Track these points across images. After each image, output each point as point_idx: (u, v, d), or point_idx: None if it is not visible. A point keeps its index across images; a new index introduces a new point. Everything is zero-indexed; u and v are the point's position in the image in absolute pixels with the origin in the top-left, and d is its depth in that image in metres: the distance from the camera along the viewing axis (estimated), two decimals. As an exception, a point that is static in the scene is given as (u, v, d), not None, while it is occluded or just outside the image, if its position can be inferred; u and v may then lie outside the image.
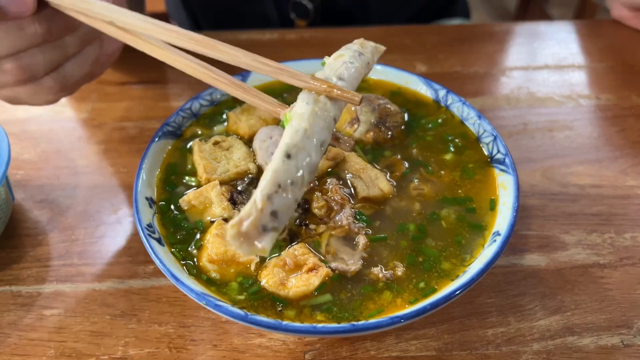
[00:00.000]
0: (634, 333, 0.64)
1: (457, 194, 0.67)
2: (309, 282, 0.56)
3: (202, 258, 0.60)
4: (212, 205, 0.65)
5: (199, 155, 0.72)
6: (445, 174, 0.70)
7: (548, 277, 0.70)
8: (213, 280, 0.59)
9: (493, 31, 1.22)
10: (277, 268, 0.58)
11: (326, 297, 0.57)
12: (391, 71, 0.83)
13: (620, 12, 1.21)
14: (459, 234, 0.63)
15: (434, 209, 0.66)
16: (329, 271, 0.58)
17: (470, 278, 0.53)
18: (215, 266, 0.59)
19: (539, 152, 0.89)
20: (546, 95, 1.02)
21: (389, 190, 0.67)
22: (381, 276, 0.58)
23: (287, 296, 0.56)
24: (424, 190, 0.68)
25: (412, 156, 0.72)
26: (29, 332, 0.66)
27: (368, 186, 0.68)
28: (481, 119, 0.73)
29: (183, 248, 0.61)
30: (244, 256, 0.59)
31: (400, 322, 0.51)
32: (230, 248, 0.59)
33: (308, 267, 0.58)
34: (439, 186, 0.69)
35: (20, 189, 0.83)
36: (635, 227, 0.77)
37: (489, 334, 0.65)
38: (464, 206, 0.66)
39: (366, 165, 0.70)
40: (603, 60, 1.12)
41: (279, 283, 0.57)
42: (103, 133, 0.94)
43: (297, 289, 0.56)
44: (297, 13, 1.32)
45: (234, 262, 0.59)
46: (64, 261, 0.73)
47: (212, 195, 0.66)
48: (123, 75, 1.09)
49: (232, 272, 0.59)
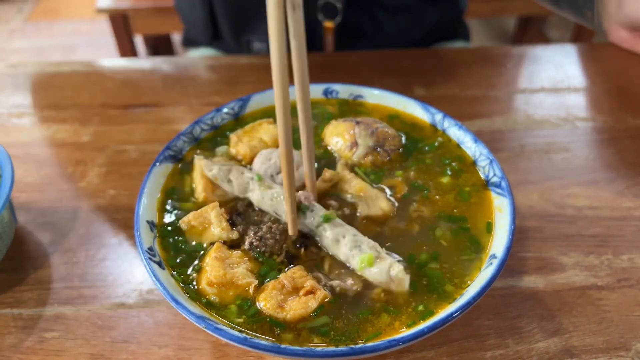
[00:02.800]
0: (632, 355, 0.65)
1: (453, 217, 0.68)
2: (307, 304, 0.57)
3: (202, 281, 0.61)
4: (211, 226, 0.66)
5: (200, 172, 0.72)
6: (442, 197, 0.71)
7: (546, 299, 0.71)
8: (212, 304, 0.59)
9: (490, 54, 1.24)
10: (275, 291, 0.58)
11: (324, 319, 0.57)
12: (388, 95, 0.84)
13: (618, 34, 1.22)
14: (456, 257, 0.63)
15: (431, 231, 0.66)
16: (327, 294, 0.58)
17: (468, 301, 0.54)
18: (214, 289, 0.59)
19: (536, 174, 0.90)
20: (543, 117, 1.03)
21: (390, 209, 0.68)
22: (382, 297, 0.59)
23: (284, 319, 0.57)
24: (424, 213, 0.69)
25: (411, 179, 0.73)
26: (30, 354, 0.66)
27: (369, 206, 0.68)
28: (477, 143, 0.74)
29: (183, 271, 0.62)
30: (243, 279, 0.60)
31: (398, 345, 0.51)
32: (229, 271, 0.60)
33: (306, 290, 0.58)
34: (437, 209, 0.69)
35: (23, 211, 0.84)
36: (632, 248, 0.77)
37: (487, 356, 0.65)
38: (460, 227, 0.67)
39: (366, 186, 0.70)
40: (599, 82, 1.14)
41: (276, 306, 0.57)
42: (105, 156, 0.95)
43: (295, 311, 0.57)
44: (325, 14, 1.32)
45: (232, 285, 0.59)
46: (65, 284, 0.74)
47: (211, 216, 0.66)
48: (125, 99, 1.10)
49: (230, 294, 0.60)
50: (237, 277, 0.60)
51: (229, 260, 0.62)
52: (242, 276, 0.60)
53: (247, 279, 0.60)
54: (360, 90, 0.86)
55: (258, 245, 0.64)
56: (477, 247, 0.64)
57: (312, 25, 1.35)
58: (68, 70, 1.20)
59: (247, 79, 1.13)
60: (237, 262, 0.62)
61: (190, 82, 1.14)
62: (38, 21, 4.40)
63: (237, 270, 0.60)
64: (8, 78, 1.19)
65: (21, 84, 1.17)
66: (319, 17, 1.32)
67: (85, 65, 1.22)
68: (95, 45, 3.98)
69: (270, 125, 0.80)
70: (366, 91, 0.86)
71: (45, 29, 4.29)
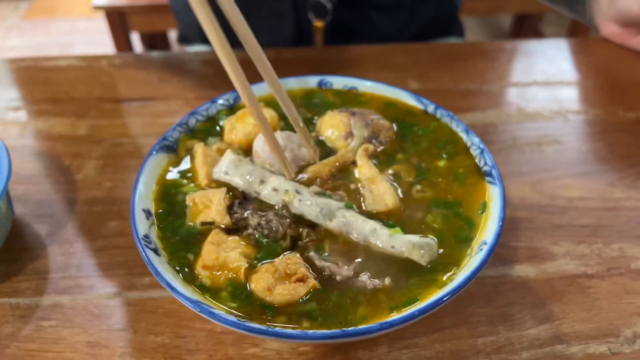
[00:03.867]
0: (621, 341, 0.66)
1: (447, 202, 0.69)
2: (295, 291, 0.58)
3: (197, 265, 0.62)
4: (210, 207, 0.67)
5: (202, 159, 0.73)
6: (438, 182, 0.72)
7: (537, 287, 0.72)
8: (205, 286, 0.60)
9: (484, 49, 1.25)
10: (268, 274, 0.60)
11: (312, 305, 0.58)
12: (382, 87, 0.85)
13: (610, 29, 1.23)
14: (449, 243, 0.64)
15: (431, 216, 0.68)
16: (316, 283, 0.59)
17: (458, 285, 0.55)
18: (207, 272, 0.60)
19: (529, 166, 0.91)
20: (535, 110, 1.04)
21: (395, 206, 0.68)
22: (368, 283, 0.60)
23: (272, 302, 0.58)
24: (425, 194, 0.70)
25: (410, 164, 0.74)
26: (27, 343, 0.67)
27: (375, 200, 0.69)
28: (469, 133, 0.75)
29: (181, 255, 0.63)
30: (234, 262, 0.61)
31: (389, 327, 0.52)
32: (222, 255, 0.61)
33: (296, 277, 0.59)
34: (434, 194, 0.70)
35: (20, 203, 0.85)
36: (622, 238, 0.78)
37: (479, 343, 0.66)
38: (453, 212, 0.68)
39: (378, 177, 0.71)
40: (591, 76, 1.15)
41: (265, 288, 0.58)
42: (101, 149, 0.96)
43: (282, 296, 0.58)
44: (316, 13, 1.33)
45: (224, 268, 0.61)
46: (62, 274, 0.75)
47: (215, 199, 0.67)
48: (121, 93, 1.11)
49: (222, 278, 0.61)
50: (229, 260, 0.61)
51: (225, 245, 0.63)
52: (234, 259, 0.61)
53: (237, 262, 0.61)
54: (354, 82, 0.87)
55: (264, 227, 0.65)
56: (470, 229, 0.65)
57: (304, 25, 1.36)
58: (64, 65, 1.20)
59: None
60: (233, 247, 0.63)
61: (185, 77, 1.15)
62: (35, 19, 4.39)
63: (229, 254, 0.61)
64: (5, 72, 1.19)
65: (18, 78, 1.18)
66: (310, 16, 1.33)
67: (82, 59, 1.22)
68: (92, 43, 3.98)
69: (262, 109, 0.81)
70: (360, 83, 0.87)
71: (42, 27, 4.29)
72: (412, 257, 0.61)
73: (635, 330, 0.67)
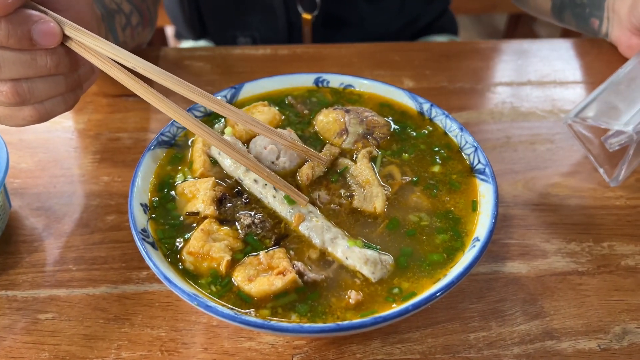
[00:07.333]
0: (610, 338, 0.67)
1: (440, 204, 0.70)
2: (273, 283, 0.59)
3: (183, 250, 0.64)
4: (197, 196, 0.69)
5: (201, 149, 0.75)
6: (430, 184, 0.73)
7: (528, 284, 0.73)
8: (188, 271, 0.62)
9: (479, 48, 1.26)
10: (251, 265, 0.61)
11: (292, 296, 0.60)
12: (378, 85, 0.86)
13: (630, 42, 1.13)
14: (442, 240, 0.66)
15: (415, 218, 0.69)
16: (296, 277, 0.60)
17: (451, 281, 0.56)
18: (192, 258, 0.62)
19: (521, 164, 0.92)
20: (529, 110, 1.05)
21: (381, 211, 0.69)
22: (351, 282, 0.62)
23: (249, 292, 0.59)
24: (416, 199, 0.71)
25: (403, 166, 0.75)
26: (24, 335, 0.67)
27: (365, 199, 0.70)
28: (463, 131, 0.76)
29: (171, 242, 0.65)
30: (217, 253, 0.62)
31: (383, 322, 0.53)
32: (208, 244, 0.63)
33: (278, 271, 0.60)
34: (425, 196, 0.71)
35: (17, 196, 0.85)
36: (612, 236, 0.80)
37: (471, 338, 0.67)
38: (446, 215, 0.69)
39: (373, 180, 0.72)
40: (583, 76, 1.16)
41: (246, 278, 0.60)
42: (99, 143, 0.96)
43: (259, 286, 0.59)
44: (304, 6, 1.34)
45: (207, 257, 0.62)
46: (59, 267, 0.75)
47: (201, 188, 0.69)
48: (119, 88, 1.10)
49: (205, 266, 0.62)
50: (213, 250, 0.62)
51: (215, 235, 0.65)
52: (218, 250, 0.62)
53: (221, 253, 0.62)
54: (350, 80, 0.88)
55: (257, 226, 0.66)
56: (461, 230, 0.66)
57: (293, 19, 1.37)
58: (61, 60, 1.20)
59: (239, 69, 1.14)
60: (222, 238, 0.64)
61: (183, 73, 1.15)
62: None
63: (214, 245, 0.63)
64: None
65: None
66: (299, 9, 1.34)
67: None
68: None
69: (265, 107, 0.82)
70: (356, 81, 0.87)
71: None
72: (363, 272, 0.62)
73: (624, 327, 0.68)
